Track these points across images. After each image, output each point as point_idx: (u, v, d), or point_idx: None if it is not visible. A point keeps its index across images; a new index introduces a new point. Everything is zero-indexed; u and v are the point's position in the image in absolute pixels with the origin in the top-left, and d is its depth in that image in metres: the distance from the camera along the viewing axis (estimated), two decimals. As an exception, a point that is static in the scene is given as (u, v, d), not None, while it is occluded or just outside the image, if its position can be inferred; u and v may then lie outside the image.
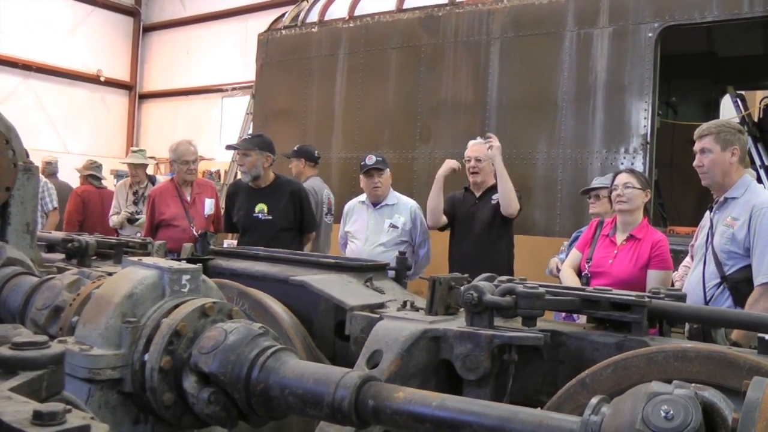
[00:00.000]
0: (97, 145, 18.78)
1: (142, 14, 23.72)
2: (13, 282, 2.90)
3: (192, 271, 2.29)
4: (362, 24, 9.39)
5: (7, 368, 1.28)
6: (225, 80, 20.65)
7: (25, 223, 3.55)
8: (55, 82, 21.59)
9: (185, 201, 7.35)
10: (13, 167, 3.37)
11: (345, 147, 9.32)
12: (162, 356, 2.07)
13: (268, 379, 2.00)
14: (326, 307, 3.29)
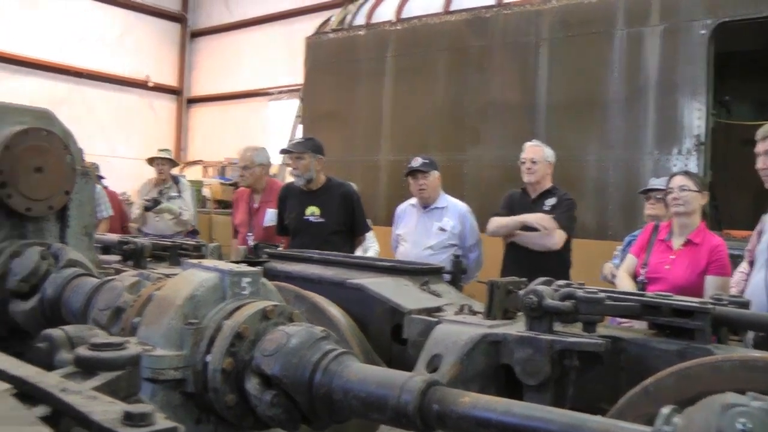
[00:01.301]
0: (145, 149, 18.83)
1: (189, 20, 23.95)
2: (74, 283, 2.93)
3: (252, 273, 2.30)
4: (409, 26, 9.37)
5: (86, 368, 1.29)
6: (271, 84, 20.75)
7: (83, 226, 3.60)
8: (104, 88, 21.90)
9: (252, 208, 7.39)
10: (71, 171, 3.41)
11: (393, 149, 9.31)
12: (224, 358, 2.08)
13: (331, 382, 1.99)
14: (382, 311, 3.28)
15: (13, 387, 1.19)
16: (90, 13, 21.47)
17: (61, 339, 1.59)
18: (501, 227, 6.43)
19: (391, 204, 8.21)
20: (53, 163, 3.33)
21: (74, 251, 3.21)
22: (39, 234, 3.48)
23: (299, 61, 11.41)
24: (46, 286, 3.01)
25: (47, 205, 3.37)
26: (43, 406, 1.14)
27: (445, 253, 6.42)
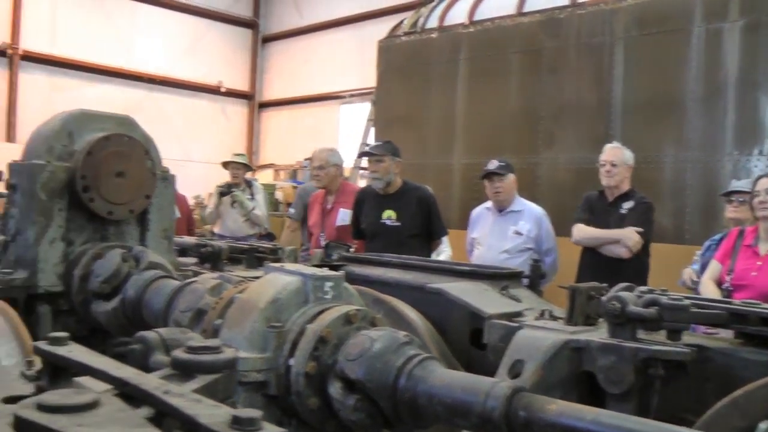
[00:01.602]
0: (218, 153, 19.17)
1: (260, 26, 24.24)
2: (155, 285, 2.98)
3: (335, 278, 2.30)
4: (482, 28, 9.30)
5: (184, 371, 1.29)
6: (342, 87, 20.85)
7: (163, 229, 3.66)
8: (178, 94, 22.32)
9: (325, 209, 7.43)
10: (152, 176, 3.47)
11: (467, 153, 9.24)
12: (308, 361, 2.09)
13: (416, 387, 1.98)
14: (461, 315, 3.25)
15: (113, 388, 1.19)
16: (164, 21, 21.94)
17: (155, 341, 1.61)
18: (590, 239, 6.32)
19: (464, 207, 8.14)
20: (134, 167, 3.39)
21: (155, 254, 3.26)
22: (120, 237, 3.55)
23: (371, 64, 11.42)
24: (128, 288, 3.06)
25: (128, 208, 3.43)
26: (146, 407, 1.14)
27: (521, 257, 6.34)
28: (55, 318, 3.40)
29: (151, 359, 1.56)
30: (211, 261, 4.23)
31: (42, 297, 3.35)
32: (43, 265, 3.34)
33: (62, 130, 3.43)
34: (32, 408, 1.05)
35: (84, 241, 3.45)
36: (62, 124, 3.45)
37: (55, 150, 3.40)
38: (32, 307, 3.32)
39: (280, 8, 23.93)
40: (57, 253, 3.36)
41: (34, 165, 3.33)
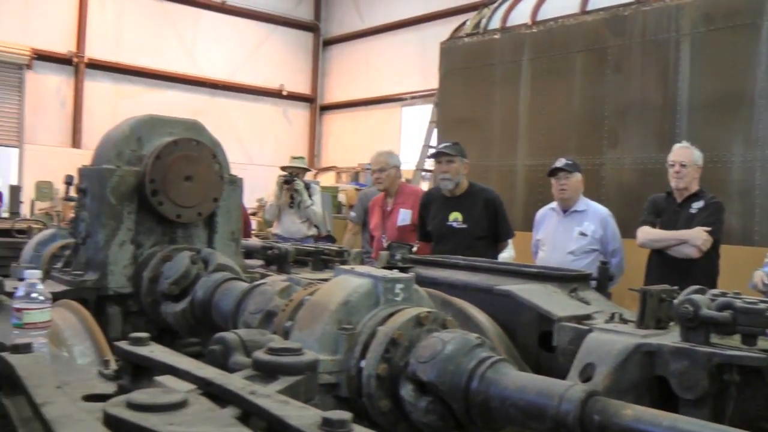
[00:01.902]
0: (279, 156, 19.29)
1: (321, 29, 24.39)
2: (224, 286, 3.00)
3: (405, 280, 2.29)
4: (545, 28, 9.22)
5: (266, 372, 1.30)
6: (404, 89, 20.86)
7: (230, 232, 3.70)
8: (240, 98, 22.58)
9: (385, 211, 7.46)
10: (219, 179, 3.50)
11: (530, 154, 9.16)
12: (379, 364, 2.08)
13: (488, 389, 1.96)
14: (529, 318, 3.21)
15: (197, 388, 1.20)
16: (227, 27, 22.21)
17: (235, 342, 1.62)
18: (656, 241, 6.20)
19: (527, 209, 8.08)
20: (202, 171, 3.43)
21: (223, 256, 3.29)
22: (188, 239, 3.59)
23: (432, 66, 11.39)
24: (197, 289, 3.09)
25: (196, 211, 3.47)
26: (232, 407, 1.15)
27: (586, 259, 6.26)
28: (124, 319, 3.45)
29: (231, 360, 1.57)
30: (277, 263, 4.26)
31: (112, 298, 3.40)
32: (112, 267, 3.39)
33: (131, 135, 3.48)
34: (122, 406, 1.07)
35: (153, 243, 3.49)
36: (131, 129, 3.51)
37: (125, 155, 3.45)
38: (102, 308, 3.38)
39: (341, 11, 24.05)
40: (126, 255, 3.41)
41: (103, 170, 3.38)
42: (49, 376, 1.31)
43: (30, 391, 1.24)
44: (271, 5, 23.11)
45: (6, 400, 1.48)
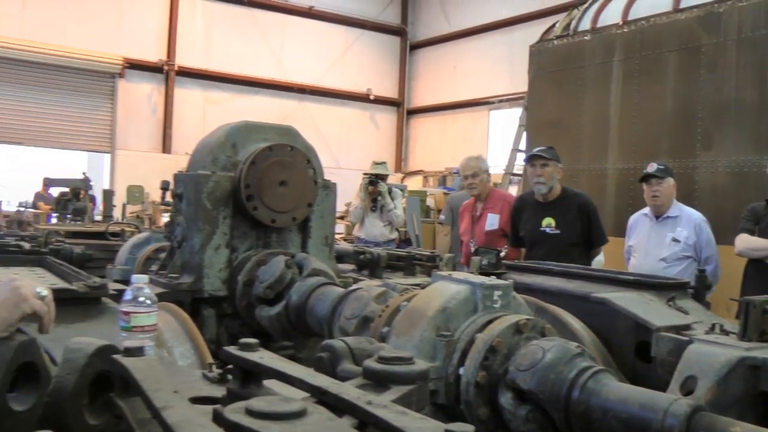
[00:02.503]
0: (367, 160, 19.40)
1: (408, 33, 24.44)
2: (319, 291, 3.02)
3: (504, 286, 2.27)
4: (636, 28, 9.02)
5: (377, 381, 1.29)
6: (491, 93, 20.75)
7: (324, 236, 3.72)
8: (327, 102, 22.79)
9: (474, 215, 7.44)
10: (313, 184, 3.53)
11: (621, 157, 8.98)
12: (478, 371, 2.06)
13: (590, 400, 1.92)
14: (625, 326, 3.13)
15: (310, 396, 1.20)
16: (314, 32, 22.46)
17: (343, 350, 1.62)
18: (755, 250, 6.00)
19: (618, 214, 7.92)
20: (297, 176, 3.46)
21: (317, 260, 3.31)
22: (282, 244, 3.62)
23: (520, 69, 11.28)
24: (292, 294, 3.11)
25: (291, 216, 3.50)
26: (348, 416, 1.14)
27: (680, 266, 6.09)
28: (218, 321, 3.50)
29: (339, 368, 1.57)
30: (369, 268, 4.27)
31: (207, 301, 3.46)
32: (208, 270, 3.44)
33: (226, 142, 3.53)
34: (241, 413, 1.07)
35: (247, 247, 3.54)
36: (226, 135, 3.56)
37: (220, 160, 3.51)
38: (197, 311, 3.43)
39: (428, 15, 24.06)
40: (221, 259, 3.46)
41: (199, 175, 3.44)
42: (164, 380, 1.33)
43: (149, 394, 1.26)
44: (358, 10, 23.27)
45: (120, 402, 1.51)
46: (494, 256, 6.00)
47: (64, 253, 4.26)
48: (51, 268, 3.33)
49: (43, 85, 19.07)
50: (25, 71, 18.76)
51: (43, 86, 19.05)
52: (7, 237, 5.33)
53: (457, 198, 9.74)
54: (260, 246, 3.57)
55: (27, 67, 18.76)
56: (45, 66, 18.90)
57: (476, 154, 7.89)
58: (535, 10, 19.25)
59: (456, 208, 9.19)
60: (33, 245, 4.38)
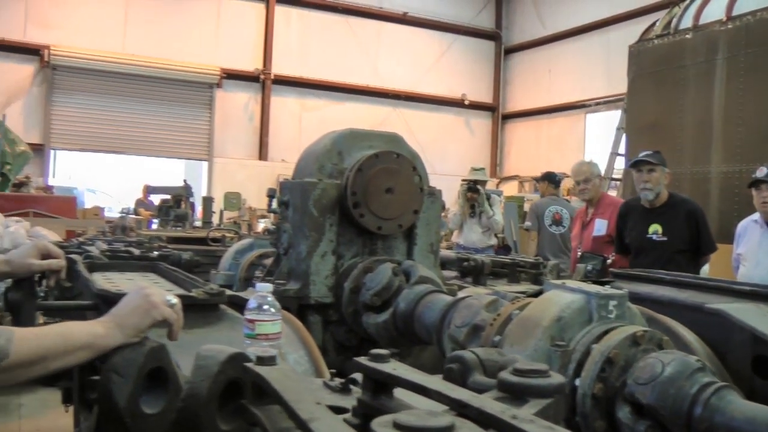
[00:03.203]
0: (462, 166, 19.37)
1: (502, 37, 24.31)
2: (427, 299, 3.01)
3: (619, 296, 2.22)
4: (741, 24, 8.74)
5: (514, 394, 1.28)
6: (587, 96, 20.45)
7: (429, 243, 3.71)
8: (422, 108, 22.83)
9: (584, 221, 7.37)
10: (419, 191, 3.53)
11: (725, 160, 8.71)
12: (595, 383, 2.02)
13: (713, 418, 1.85)
14: (742, 339, 3.02)
15: (449, 409, 1.20)
16: (409, 38, 22.55)
17: (473, 361, 1.61)
18: None
19: (723, 219, 7.70)
20: (403, 184, 3.46)
21: (424, 268, 3.30)
22: (388, 251, 3.63)
23: (617, 70, 11.07)
24: (399, 301, 3.11)
25: (397, 223, 3.50)
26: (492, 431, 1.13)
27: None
28: (324, 328, 3.53)
29: (470, 380, 1.56)
30: (473, 275, 4.24)
31: (313, 307, 3.48)
32: (314, 277, 3.47)
33: (332, 149, 3.56)
34: (389, 426, 1.07)
35: (353, 254, 3.55)
36: (332, 143, 3.58)
37: (326, 168, 3.53)
38: (303, 317, 3.46)
39: (522, 18, 23.89)
40: (328, 266, 3.48)
41: (306, 183, 3.47)
42: (304, 391, 1.34)
43: (291, 405, 1.27)
44: (452, 15, 23.27)
45: (255, 409, 1.54)
46: (599, 262, 5.91)
47: (173, 259, 4.37)
48: (164, 274, 3.41)
49: (144, 97, 19.73)
50: (126, 84, 19.47)
51: (144, 98, 19.71)
52: (116, 243, 5.48)
53: (542, 205, 10.00)
54: (366, 253, 3.58)
55: (128, 80, 19.45)
56: (146, 78, 19.57)
57: (588, 159, 7.82)
58: (633, 8, 18.86)
59: (541, 215, 9.39)
60: (142, 251, 4.50)
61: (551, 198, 10.18)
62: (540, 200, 10.35)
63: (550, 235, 9.64)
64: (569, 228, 9.45)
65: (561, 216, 9.69)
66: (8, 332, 1.64)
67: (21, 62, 18.11)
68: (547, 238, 9.60)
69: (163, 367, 1.66)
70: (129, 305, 1.81)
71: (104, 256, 3.99)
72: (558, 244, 9.57)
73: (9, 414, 6.70)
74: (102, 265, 3.60)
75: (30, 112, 18.66)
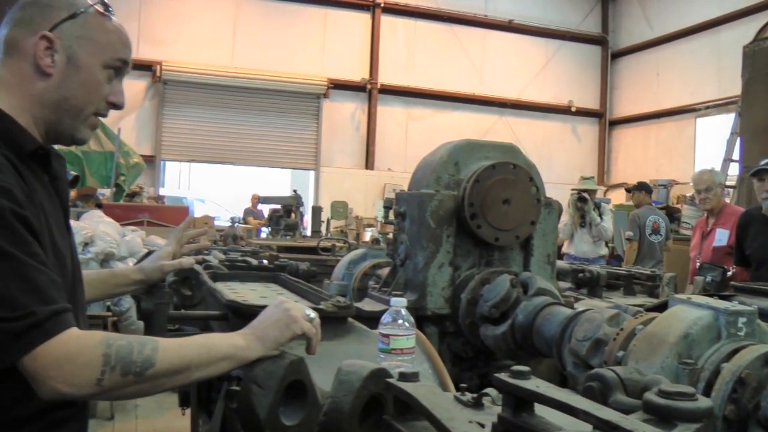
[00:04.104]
0: (568, 174, 19.16)
1: (609, 41, 23.90)
2: (546, 311, 2.99)
3: (748, 313, 2.15)
4: None
5: (661, 417, 1.26)
6: (697, 99, 19.90)
7: (546, 255, 3.69)
8: (528, 116, 22.64)
9: (704, 231, 7.20)
10: (536, 202, 3.51)
11: None
12: (726, 404, 1.96)
13: None
14: None
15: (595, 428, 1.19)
16: (515, 45, 22.43)
17: (614, 381, 1.60)
18: None
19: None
20: (519, 194, 3.45)
21: (542, 279, 3.28)
22: (504, 262, 3.62)
23: (729, 72, 10.75)
24: (518, 313, 3.10)
25: (514, 234, 3.50)
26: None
27: None
28: (441, 339, 3.54)
29: (612, 399, 1.55)
30: (588, 287, 4.19)
31: (430, 318, 3.50)
32: (431, 288, 3.49)
33: (449, 160, 3.58)
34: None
35: (470, 266, 3.56)
36: (449, 154, 3.61)
37: (443, 179, 3.56)
38: (420, 328, 3.47)
39: (629, 21, 23.43)
40: (445, 277, 3.50)
41: (423, 194, 3.50)
42: (453, 408, 1.36)
43: (445, 423, 1.29)
44: (557, 20, 23.01)
45: (398, 424, 1.57)
46: (719, 273, 5.72)
47: (290, 269, 4.45)
48: (285, 285, 3.48)
49: (252, 108, 20.22)
50: (235, 96, 20.02)
51: (252, 109, 20.21)
52: (231, 252, 5.60)
53: (643, 214, 10.27)
54: (483, 264, 3.58)
55: (237, 92, 19.99)
56: (254, 90, 20.07)
57: (710, 167, 7.65)
58: (744, 6, 18.23)
59: (643, 225, 9.45)
60: (259, 261, 4.59)
61: (649, 207, 10.64)
62: (640, 210, 10.56)
63: (650, 243, 10.03)
64: (665, 237, 10.08)
65: (659, 225, 10.16)
66: (154, 342, 1.72)
67: (134, 78, 18.74)
68: (646, 247, 9.93)
69: (301, 380, 1.71)
70: (270, 318, 1.86)
71: (223, 266, 4.08)
72: (656, 253, 9.92)
73: (126, 414, 6.94)
74: (224, 275, 3.69)
75: (142, 125, 19.36)
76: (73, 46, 1.91)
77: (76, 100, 1.93)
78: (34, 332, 1.58)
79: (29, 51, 1.88)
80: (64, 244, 1.91)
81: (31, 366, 1.60)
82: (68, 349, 1.62)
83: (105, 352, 1.64)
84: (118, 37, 2.04)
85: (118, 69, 2.04)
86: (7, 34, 1.91)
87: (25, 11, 1.91)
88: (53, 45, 1.88)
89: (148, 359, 1.67)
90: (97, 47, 1.95)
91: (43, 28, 1.88)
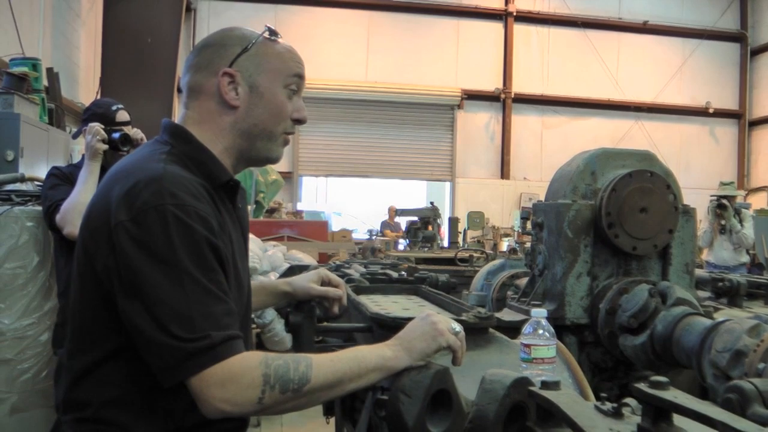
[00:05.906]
0: (706, 178, 18.59)
1: (749, 38, 22.98)
2: (685, 322, 2.97)
3: None
4: None
5: None
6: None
7: (684, 264, 3.65)
8: (664, 120, 22.01)
9: None
10: (674, 210, 3.49)
11: None
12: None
13: None
14: None
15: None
16: (649, 47, 21.87)
17: (752, 393, 1.61)
18: None
19: None
20: (657, 203, 3.45)
21: (681, 289, 3.26)
22: (642, 272, 3.61)
23: None
24: (657, 323, 3.09)
25: (652, 243, 3.49)
26: None
27: None
28: (580, 349, 3.56)
29: (749, 411, 1.56)
30: (728, 296, 4.11)
31: (568, 328, 3.53)
32: (570, 298, 3.52)
33: (586, 170, 3.61)
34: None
35: (608, 275, 3.57)
36: (585, 163, 3.63)
37: (580, 189, 3.59)
38: (558, 338, 3.49)
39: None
40: (583, 287, 3.52)
41: (560, 204, 3.54)
42: (596, 418, 1.41)
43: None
44: (693, 19, 22.30)
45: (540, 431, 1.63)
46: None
47: (430, 281, 4.52)
48: (426, 297, 3.57)
49: (387, 122, 20.50)
50: (370, 110, 20.38)
51: (386, 122, 20.49)
52: (371, 265, 5.72)
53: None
54: (620, 274, 3.58)
55: (372, 106, 20.35)
56: (388, 104, 20.37)
57: None
58: None
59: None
60: (399, 273, 4.68)
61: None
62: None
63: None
64: None
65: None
66: (307, 359, 1.82)
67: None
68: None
69: (447, 389, 1.79)
70: (416, 331, 1.93)
71: (365, 279, 4.19)
72: None
73: (272, 422, 7.16)
74: (366, 288, 3.80)
75: (280, 142, 19.85)
76: (253, 75, 2.05)
77: (265, 125, 2.08)
78: (206, 355, 1.72)
79: (213, 90, 2.04)
80: (244, 270, 2.07)
81: (197, 386, 1.73)
82: (232, 370, 1.74)
83: (264, 372, 1.75)
84: (290, 56, 2.17)
85: (296, 85, 2.17)
86: (190, 80, 2.08)
87: (201, 56, 2.08)
88: (235, 79, 2.03)
89: (304, 376, 1.78)
90: (273, 71, 2.09)
91: (222, 67, 2.03)
